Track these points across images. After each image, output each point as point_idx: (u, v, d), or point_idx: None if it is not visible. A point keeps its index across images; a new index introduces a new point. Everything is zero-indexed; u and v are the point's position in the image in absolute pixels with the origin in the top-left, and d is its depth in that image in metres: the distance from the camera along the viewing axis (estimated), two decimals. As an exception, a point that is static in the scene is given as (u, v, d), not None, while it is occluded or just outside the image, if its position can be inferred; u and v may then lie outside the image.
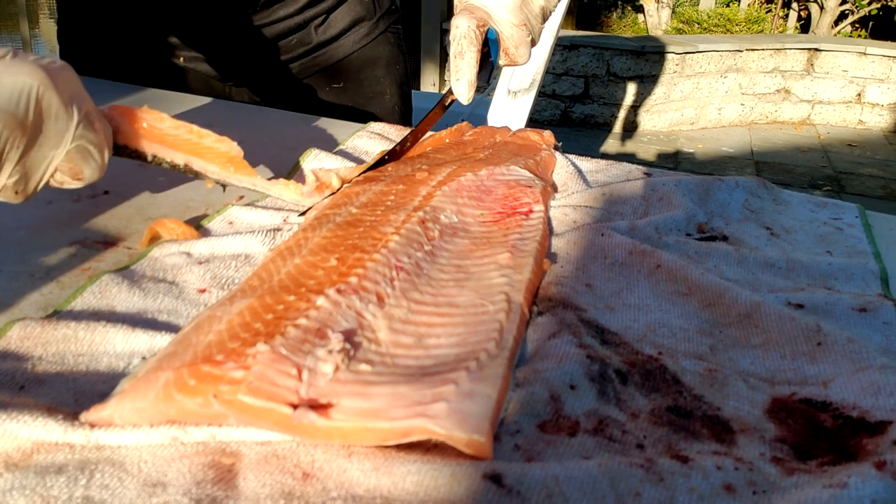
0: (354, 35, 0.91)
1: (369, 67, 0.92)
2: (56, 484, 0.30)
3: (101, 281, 0.45)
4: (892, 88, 4.15)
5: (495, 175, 0.58)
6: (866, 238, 0.57)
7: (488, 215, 0.53)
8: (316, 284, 0.41)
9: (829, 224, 0.59)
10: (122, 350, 0.39)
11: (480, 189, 0.56)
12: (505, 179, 0.58)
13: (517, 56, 0.64)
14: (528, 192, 0.56)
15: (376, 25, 0.93)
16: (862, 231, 0.58)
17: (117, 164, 0.66)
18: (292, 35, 0.86)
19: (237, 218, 0.55)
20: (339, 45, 0.90)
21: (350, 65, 0.91)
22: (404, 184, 0.55)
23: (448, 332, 0.39)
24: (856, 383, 0.37)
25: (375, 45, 0.93)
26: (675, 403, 0.36)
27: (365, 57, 0.92)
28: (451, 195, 0.53)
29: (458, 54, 0.60)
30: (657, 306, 0.45)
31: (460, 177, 0.56)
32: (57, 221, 0.55)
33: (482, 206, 0.54)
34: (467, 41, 0.59)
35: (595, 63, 4.03)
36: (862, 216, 0.61)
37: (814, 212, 0.62)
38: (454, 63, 0.61)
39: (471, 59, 0.60)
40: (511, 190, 0.57)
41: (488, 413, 0.33)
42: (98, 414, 0.33)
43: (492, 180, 0.58)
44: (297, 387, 0.33)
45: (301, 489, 0.31)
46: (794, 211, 0.61)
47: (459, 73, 0.60)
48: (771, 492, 0.31)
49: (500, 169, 0.59)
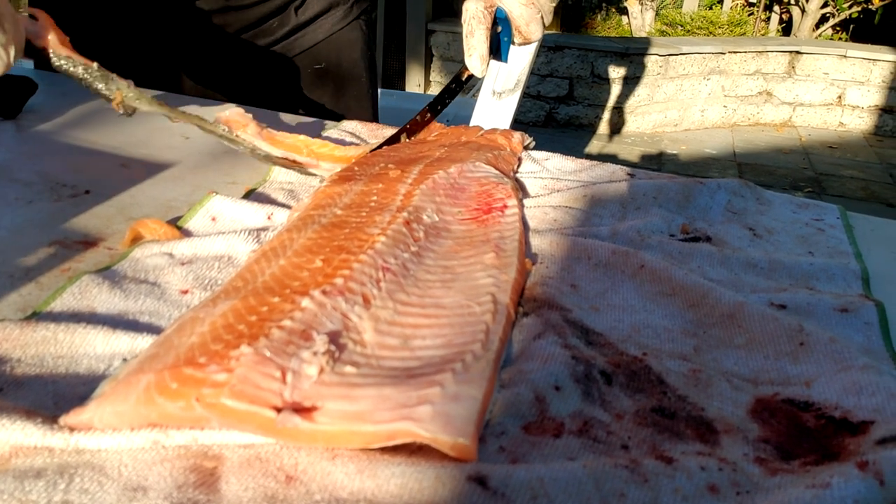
0: (331, 18, 0.94)
1: (346, 50, 0.96)
2: (35, 488, 0.30)
3: (81, 282, 0.44)
4: (872, 91, 4.20)
5: (465, 172, 0.59)
6: (847, 239, 0.57)
7: (466, 213, 0.53)
8: (301, 286, 0.40)
9: (811, 225, 0.60)
10: (102, 352, 0.39)
11: (455, 187, 0.56)
12: (475, 177, 0.59)
13: (529, 33, 0.69)
14: (499, 188, 0.57)
15: (350, 11, 0.96)
16: (843, 232, 0.59)
17: (98, 165, 0.65)
18: (273, 17, 0.89)
19: (220, 213, 0.55)
20: (317, 28, 0.93)
21: (328, 46, 0.95)
22: (383, 182, 0.55)
23: (434, 333, 0.39)
24: (838, 383, 0.37)
25: (350, 30, 0.96)
26: (660, 404, 0.36)
27: (342, 40, 0.96)
28: (430, 194, 0.54)
29: (469, 34, 0.65)
30: (641, 307, 0.46)
31: (433, 175, 0.56)
32: (36, 221, 0.54)
33: (458, 204, 0.54)
34: (476, 21, 0.65)
35: (579, 64, 4.04)
36: (843, 217, 0.62)
37: (796, 213, 0.62)
38: (466, 42, 0.66)
39: (480, 36, 0.65)
40: (483, 187, 0.57)
41: (473, 416, 0.32)
42: (78, 417, 0.33)
43: (463, 178, 0.58)
44: (280, 390, 0.32)
45: (284, 492, 0.30)
46: (776, 212, 0.62)
47: (472, 49, 0.66)
48: (754, 492, 0.31)
49: (467, 166, 0.60)
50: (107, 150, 0.68)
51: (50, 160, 0.65)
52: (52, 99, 0.81)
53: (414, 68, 4.21)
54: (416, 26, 4.11)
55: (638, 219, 0.58)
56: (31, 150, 0.67)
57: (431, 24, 4.14)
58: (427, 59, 4.21)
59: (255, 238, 0.50)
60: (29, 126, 0.73)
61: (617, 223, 0.57)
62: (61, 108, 0.78)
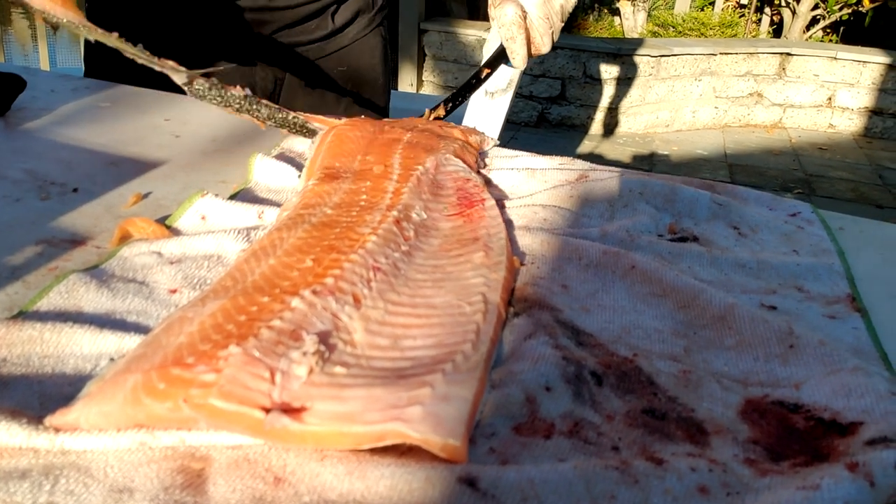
0: (357, 25, 1.01)
1: (368, 55, 1.03)
2: (19, 490, 0.29)
3: (68, 280, 0.44)
4: (861, 93, 4.23)
5: (440, 167, 0.59)
6: (827, 236, 0.58)
7: (450, 209, 0.54)
8: (291, 285, 0.40)
9: (790, 222, 0.60)
10: (89, 352, 0.38)
11: (435, 183, 0.57)
12: (449, 171, 0.59)
13: (541, 45, 0.75)
14: (471, 184, 0.57)
15: (373, 19, 1.03)
16: (822, 228, 0.59)
17: (87, 163, 0.65)
18: (312, 20, 0.95)
19: (209, 212, 0.54)
20: (346, 34, 1.00)
21: (352, 51, 1.01)
22: (370, 180, 0.55)
23: (425, 333, 0.39)
24: (827, 386, 0.37)
25: (372, 37, 1.03)
26: (650, 405, 0.36)
27: (365, 46, 1.03)
28: (416, 191, 0.54)
29: (511, 38, 0.72)
30: (632, 308, 0.46)
31: (415, 171, 0.56)
32: (24, 219, 0.53)
33: (441, 201, 0.55)
34: (517, 26, 0.72)
35: (572, 65, 4.05)
36: (817, 213, 0.62)
37: (772, 209, 0.63)
38: (509, 46, 0.73)
39: (522, 41, 0.72)
40: (457, 182, 0.58)
41: (464, 416, 0.32)
42: (64, 418, 0.32)
43: (440, 173, 0.59)
44: (269, 390, 0.32)
45: (273, 494, 0.30)
46: (753, 208, 0.62)
47: (516, 54, 0.73)
48: (744, 493, 0.31)
49: (441, 159, 0.60)
50: (95, 149, 0.68)
51: (38, 158, 0.64)
52: (41, 96, 0.80)
53: (406, 68, 4.21)
54: (409, 26, 4.11)
55: (626, 217, 0.58)
56: (20, 147, 0.67)
57: (424, 24, 4.13)
58: (420, 58, 4.21)
59: (244, 237, 0.50)
60: (17, 123, 0.73)
61: (606, 223, 0.57)
62: (50, 106, 0.78)
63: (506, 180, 0.64)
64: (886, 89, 4.19)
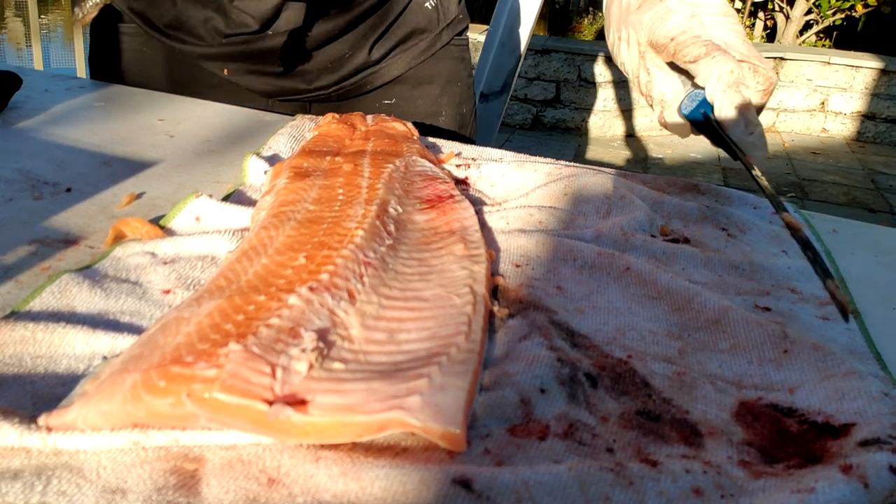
0: (412, 51, 0.81)
1: (425, 85, 0.84)
2: (11, 490, 0.29)
3: (61, 280, 0.43)
4: (854, 97, 4.25)
5: (409, 166, 0.60)
6: (813, 235, 0.58)
7: (421, 203, 0.54)
8: (286, 283, 0.40)
9: (776, 222, 0.60)
10: (81, 352, 0.38)
11: (405, 180, 0.57)
12: (417, 170, 0.60)
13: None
14: (439, 181, 0.58)
15: (438, 37, 0.83)
16: (806, 228, 0.60)
17: (81, 162, 0.64)
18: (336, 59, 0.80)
19: (204, 213, 0.54)
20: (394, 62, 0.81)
21: (403, 82, 0.83)
22: (342, 176, 0.55)
23: (419, 326, 0.39)
24: (821, 391, 0.38)
25: (435, 62, 0.83)
26: (645, 407, 0.36)
27: (421, 74, 0.83)
28: (389, 185, 0.54)
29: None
30: (627, 309, 0.46)
31: (385, 168, 0.57)
32: (17, 219, 0.53)
33: (413, 197, 0.55)
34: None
35: (566, 68, 4.06)
36: (800, 214, 0.63)
37: (756, 208, 0.63)
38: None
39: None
40: (426, 180, 0.58)
41: (461, 405, 0.32)
42: (61, 418, 0.32)
43: (409, 172, 0.59)
44: (271, 384, 0.32)
45: (266, 495, 0.30)
46: (738, 208, 0.63)
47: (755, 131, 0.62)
48: (739, 495, 0.31)
49: (409, 160, 0.61)
50: (89, 148, 0.68)
51: (31, 157, 0.64)
52: (35, 95, 0.80)
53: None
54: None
55: (622, 214, 0.58)
56: (13, 146, 0.67)
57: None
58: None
59: (238, 238, 0.50)
60: (12, 122, 0.72)
61: (601, 221, 0.57)
62: (44, 105, 0.78)
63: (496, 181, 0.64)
64: (879, 94, 4.21)
